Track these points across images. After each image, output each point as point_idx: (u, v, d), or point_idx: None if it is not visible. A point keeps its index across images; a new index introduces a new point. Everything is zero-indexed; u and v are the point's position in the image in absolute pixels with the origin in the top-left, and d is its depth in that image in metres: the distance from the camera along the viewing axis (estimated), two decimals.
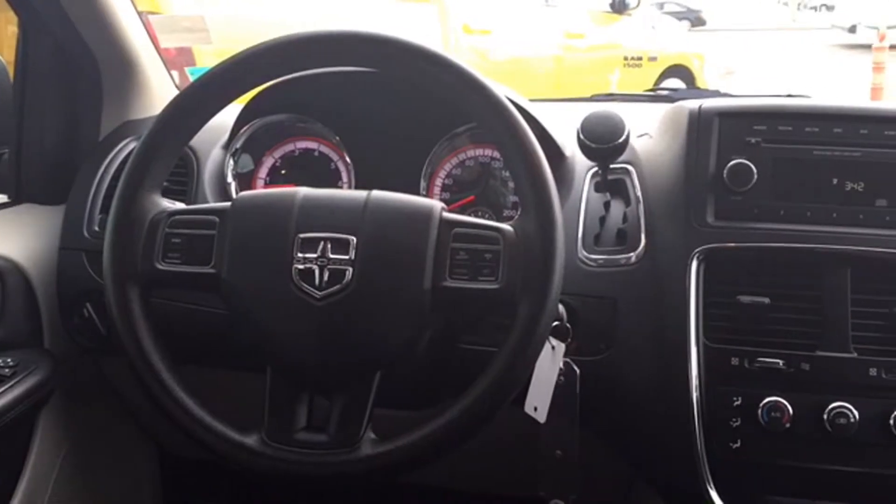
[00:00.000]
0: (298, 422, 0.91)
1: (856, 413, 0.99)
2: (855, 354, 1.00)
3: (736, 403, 1.02)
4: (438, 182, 1.29)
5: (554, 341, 1.05)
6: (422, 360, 0.99)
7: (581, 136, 1.10)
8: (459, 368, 0.97)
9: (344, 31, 0.93)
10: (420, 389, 1.18)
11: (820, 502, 1.02)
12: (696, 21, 5.20)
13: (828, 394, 1.00)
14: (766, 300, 1.02)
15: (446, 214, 0.92)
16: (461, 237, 0.90)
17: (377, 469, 0.88)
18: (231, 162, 1.31)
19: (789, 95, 1.47)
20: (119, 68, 1.44)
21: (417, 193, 1.25)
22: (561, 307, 1.05)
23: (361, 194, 0.93)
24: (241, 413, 0.92)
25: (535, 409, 1.05)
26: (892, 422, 0.98)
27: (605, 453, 1.21)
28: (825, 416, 0.99)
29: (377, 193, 0.93)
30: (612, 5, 5.62)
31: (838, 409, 0.99)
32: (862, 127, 1.06)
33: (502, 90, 0.95)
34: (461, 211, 1.26)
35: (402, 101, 1.25)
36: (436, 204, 0.93)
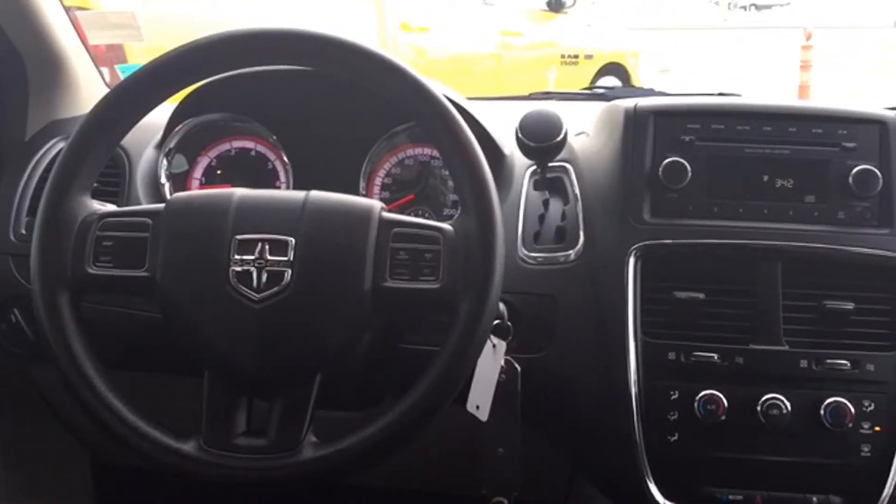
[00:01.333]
0: (237, 427, 0.89)
1: (788, 404, 1.01)
2: (786, 347, 1.03)
3: (673, 397, 1.03)
4: (378, 181, 1.28)
5: (495, 340, 1.05)
6: (363, 361, 0.98)
7: (519, 135, 1.11)
8: (401, 369, 0.96)
9: (279, 28, 0.92)
10: (362, 390, 1.17)
11: (755, 492, 1.04)
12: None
13: (761, 386, 1.02)
14: (702, 295, 1.04)
15: (386, 214, 0.91)
16: (401, 237, 0.90)
17: (319, 473, 0.87)
18: (164, 162, 1.28)
19: (721, 94, 1.50)
20: (46, 66, 1.39)
21: (357, 193, 1.24)
22: (502, 305, 1.05)
23: (300, 195, 0.92)
24: (178, 419, 0.90)
25: (477, 407, 1.05)
26: (822, 412, 1.01)
27: (547, 450, 1.22)
28: (759, 408, 1.02)
29: (316, 194, 0.92)
30: (548, 4, 5.67)
31: (771, 401, 1.01)
32: (791, 125, 1.09)
33: (440, 89, 0.94)
34: (401, 210, 1.25)
35: (341, 100, 1.24)
36: (375, 203, 0.92)
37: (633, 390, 1.03)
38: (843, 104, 1.13)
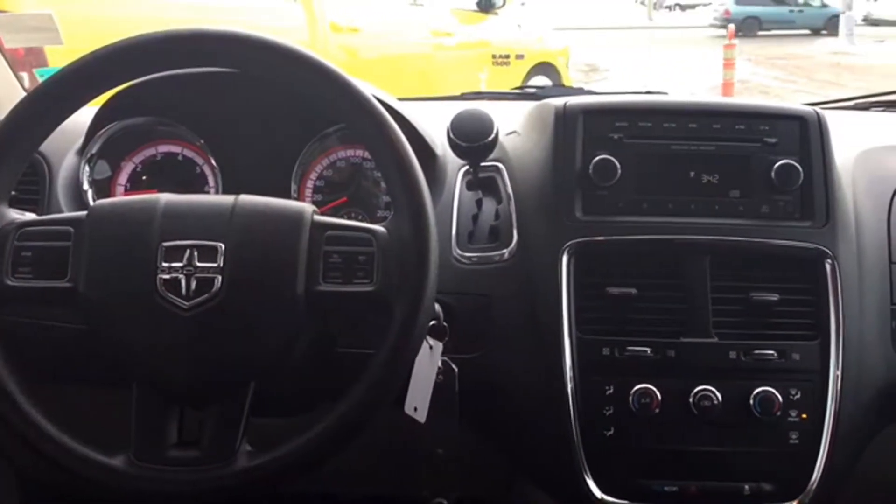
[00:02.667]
0: (169, 438, 0.87)
1: (719, 395, 1.03)
2: (716, 339, 1.05)
3: (608, 392, 1.05)
4: (310, 184, 1.27)
5: (431, 341, 1.05)
6: (298, 366, 0.97)
7: (451, 135, 1.11)
8: (337, 373, 0.95)
9: (202, 30, 0.90)
10: (298, 396, 1.15)
11: (690, 482, 1.06)
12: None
13: (693, 378, 1.04)
14: (634, 291, 1.06)
15: (318, 217, 0.90)
16: (334, 240, 0.89)
17: (254, 482, 0.86)
18: (87, 168, 1.24)
19: (648, 92, 1.53)
20: None
21: (288, 197, 1.22)
22: (437, 306, 1.05)
23: (228, 199, 0.90)
24: (107, 433, 0.87)
25: (415, 409, 1.05)
26: (751, 401, 1.03)
27: (487, 450, 1.22)
28: (691, 400, 1.03)
29: (245, 198, 0.90)
30: (478, 4, 5.69)
31: (703, 392, 1.03)
32: (715, 122, 1.11)
33: (369, 89, 0.94)
34: (334, 213, 1.24)
35: (269, 103, 1.22)
36: (307, 207, 0.91)
37: (569, 386, 1.04)
38: (764, 101, 1.16)
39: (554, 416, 1.05)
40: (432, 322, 1.04)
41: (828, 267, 1.06)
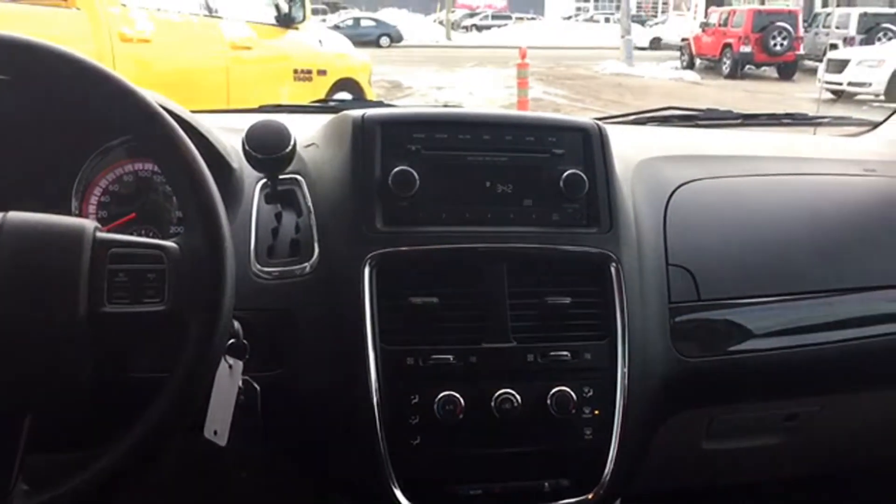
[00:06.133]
0: None
1: (519, 397, 1.06)
2: (515, 343, 1.09)
3: (414, 401, 1.05)
4: (93, 200, 1.18)
5: (231, 360, 1.01)
6: (84, 395, 0.89)
7: (246, 147, 1.08)
8: (129, 399, 0.89)
9: None
10: (86, 428, 1.07)
11: (494, 484, 1.09)
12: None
13: (494, 382, 1.07)
14: (436, 300, 1.07)
15: (101, 234, 0.84)
16: (119, 258, 0.83)
17: None
18: None
19: (445, 105, 1.57)
20: None
21: (69, 214, 1.14)
22: (236, 323, 1.01)
23: None
24: None
25: (215, 432, 1.00)
26: (549, 401, 1.07)
27: (295, 468, 1.19)
28: (493, 404, 1.06)
29: (14, 215, 0.82)
30: (277, 18, 5.62)
31: (504, 396, 1.06)
32: (507, 133, 1.15)
33: (157, 99, 0.89)
34: (122, 230, 1.17)
35: (47, 112, 1.13)
36: (87, 223, 0.84)
37: (375, 399, 1.04)
38: (552, 114, 1.22)
39: (360, 430, 1.04)
40: (231, 340, 1.00)
41: (613, 270, 1.13)
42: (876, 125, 1.79)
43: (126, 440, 0.80)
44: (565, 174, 1.13)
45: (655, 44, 27.88)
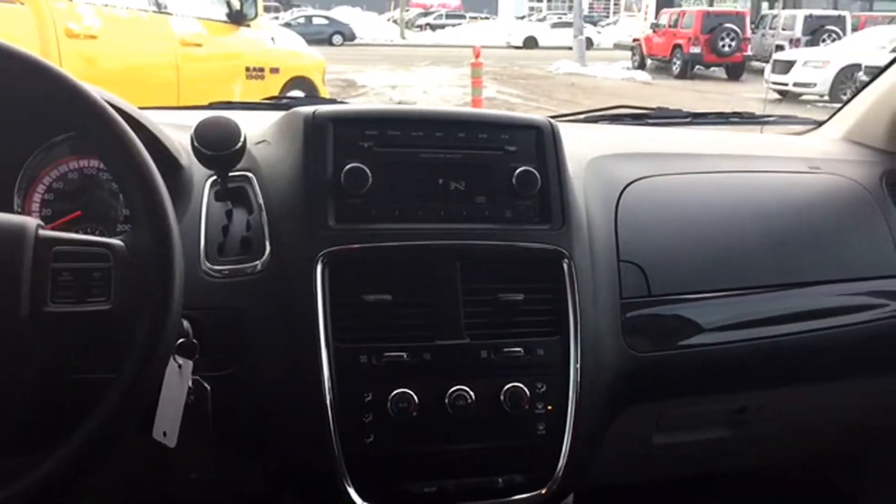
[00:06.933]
0: None
1: (472, 394, 1.07)
2: (468, 340, 1.09)
3: (367, 399, 1.05)
4: (37, 198, 1.15)
5: (180, 359, 0.99)
6: (28, 396, 0.87)
7: (195, 144, 1.06)
8: (75, 401, 0.87)
9: None
10: (29, 430, 1.04)
11: (448, 481, 1.09)
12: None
13: (448, 379, 1.07)
14: (389, 297, 1.07)
15: (43, 232, 0.82)
16: (64, 256, 0.81)
17: None
18: None
19: (399, 103, 1.56)
20: None
21: (11, 211, 1.11)
22: (186, 323, 1.00)
23: None
24: None
25: (164, 434, 0.98)
26: (502, 398, 1.08)
27: (247, 469, 1.18)
28: (447, 401, 1.06)
29: None
30: (229, 15, 5.54)
31: (458, 392, 1.06)
32: (460, 131, 1.15)
33: (103, 95, 0.87)
34: (67, 228, 1.14)
35: None
36: (29, 221, 0.82)
37: (328, 397, 1.03)
38: (505, 112, 1.22)
39: (314, 429, 1.03)
40: (180, 340, 0.98)
41: (565, 266, 1.13)
42: (820, 124, 1.84)
43: (71, 443, 0.78)
44: (518, 171, 1.14)
45: (530, 43, 28.38)
